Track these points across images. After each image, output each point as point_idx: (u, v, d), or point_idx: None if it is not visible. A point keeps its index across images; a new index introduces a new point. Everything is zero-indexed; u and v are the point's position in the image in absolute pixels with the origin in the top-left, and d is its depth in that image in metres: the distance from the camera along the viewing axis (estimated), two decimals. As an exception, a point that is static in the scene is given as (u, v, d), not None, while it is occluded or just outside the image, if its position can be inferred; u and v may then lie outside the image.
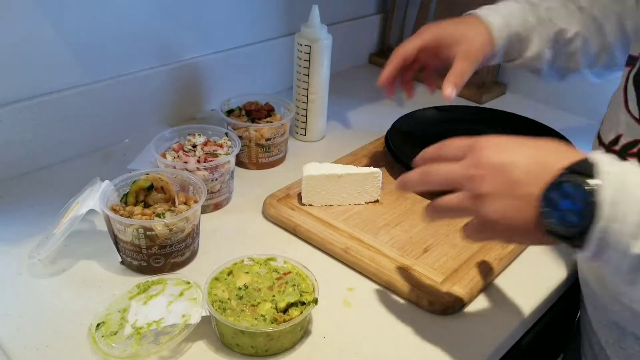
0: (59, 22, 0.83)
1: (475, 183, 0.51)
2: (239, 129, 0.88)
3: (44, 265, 0.70)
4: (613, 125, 0.65)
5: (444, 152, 0.56)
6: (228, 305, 0.60)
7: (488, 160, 0.51)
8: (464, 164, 0.52)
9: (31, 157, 0.86)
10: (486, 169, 0.50)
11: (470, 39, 0.79)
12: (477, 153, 0.52)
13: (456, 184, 0.53)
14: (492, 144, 0.52)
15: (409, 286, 0.68)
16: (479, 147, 0.52)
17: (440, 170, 0.54)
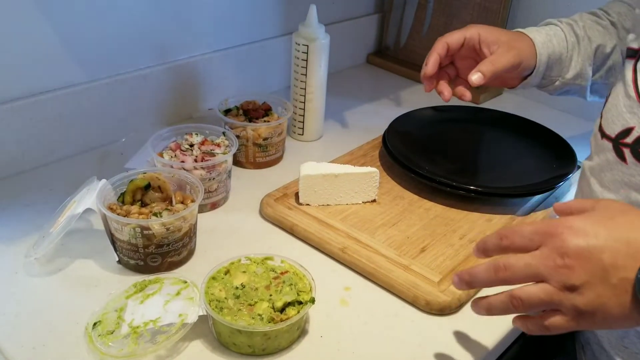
0: (55, 21, 0.83)
1: (563, 275, 0.47)
2: (236, 128, 0.88)
3: (41, 264, 0.70)
4: (618, 118, 0.65)
5: (513, 241, 0.52)
6: (225, 305, 0.60)
7: (572, 247, 0.47)
8: (545, 254, 0.49)
9: (27, 156, 0.86)
10: (572, 258, 0.47)
11: (516, 43, 0.78)
12: (556, 240, 0.48)
13: (538, 278, 0.49)
14: (568, 228, 0.48)
15: (406, 286, 0.68)
16: (556, 233, 0.49)
17: (518, 264, 0.50)
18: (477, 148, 1.00)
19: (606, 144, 0.66)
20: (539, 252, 0.49)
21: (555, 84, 0.83)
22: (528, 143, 0.98)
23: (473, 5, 1.18)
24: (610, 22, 0.83)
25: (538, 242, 0.50)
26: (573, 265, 0.47)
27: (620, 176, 0.64)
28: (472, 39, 0.79)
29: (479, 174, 0.91)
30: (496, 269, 0.51)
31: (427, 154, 0.92)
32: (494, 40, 0.78)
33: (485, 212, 0.82)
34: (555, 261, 0.48)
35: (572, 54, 0.81)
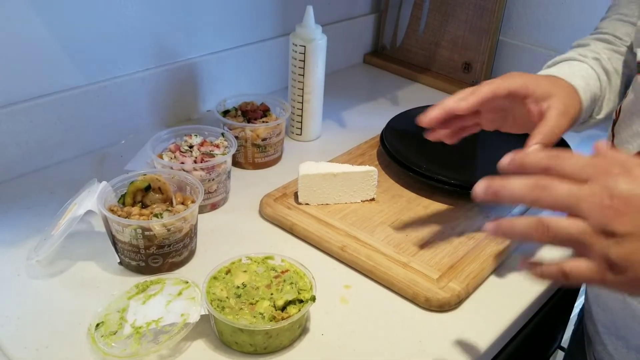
0: (54, 24, 0.83)
1: (606, 216, 0.42)
2: (235, 129, 0.89)
3: (42, 267, 0.70)
4: (633, 139, 0.62)
5: (561, 164, 0.46)
6: (226, 304, 0.61)
7: (625, 190, 0.42)
8: (593, 189, 0.43)
9: (28, 158, 0.86)
10: (622, 202, 0.42)
11: (564, 96, 0.68)
12: (609, 179, 0.43)
13: (577, 211, 0.44)
14: (627, 171, 0.43)
15: (405, 283, 0.69)
16: (612, 173, 0.43)
17: (561, 188, 0.44)
18: (475, 146, 1.00)
19: None
20: (587, 186, 0.43)
21: (587, 124, 0.77)
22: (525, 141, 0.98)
23: (469, 4, 1.18)
24: (628, 48, 0.77)
25: (589, 175, 0.44)
26: (620, 210, 0.42)
27: None
28: (517, 92, 0.68)
29: (476, 171, 0.91)
30: (535, 185, 0.45)
31: (424, 152, 0.92)
32: (542, 96, 0.68)
33: (484, 209, 0.83)
34: (603, 200, 0.42)
35: (605, 93, 0.75)
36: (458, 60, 1.24)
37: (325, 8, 1.21)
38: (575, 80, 0.72)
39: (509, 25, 1.23)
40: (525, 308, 0.69)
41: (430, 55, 1.28)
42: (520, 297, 0.71)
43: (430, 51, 1.28)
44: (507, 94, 0.68)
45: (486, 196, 0.48)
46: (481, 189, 0.49)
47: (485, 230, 0.49)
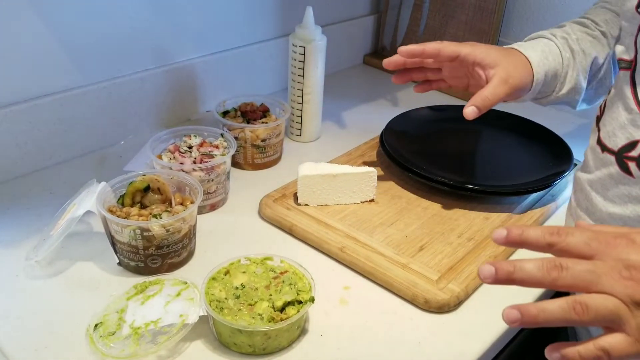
0: (54, 25, 0.83)
1: (630, 288, 0.42)
2: (234, 129, 0.89)
3: (41, 267, 0.70)
4: (621, 131, 0.64)
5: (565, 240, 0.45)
6: (225, 305, 0.60)
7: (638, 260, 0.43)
8: (608, 264, 0.43)
9: (27, 159, 0.86)
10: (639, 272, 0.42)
11: (513, 66, 0.75)
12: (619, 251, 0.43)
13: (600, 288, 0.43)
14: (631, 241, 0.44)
15: (404, 284, 0.69)
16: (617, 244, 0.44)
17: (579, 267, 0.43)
18: (474, 147, 1.00)
19: (608, 158, 0.65)
20: (600, 261, 0.43)
21: (549, 98, 0.82)
22: (524, 141, 0.98)
23: (468, 6, 1.18)
24: (601, 32, 0.81)
25: (596, 250, 0.44)
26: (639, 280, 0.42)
27: (626, 190, 0.63)
28: (466, 58, 0.76)
29: (476, 172, 0.91)
30: (551, 266, 0.44)
31: (424, 153, 0.92)
32: (490, 64, 0.75)
33: (483, 211, 0.83)
34: (621, 272, 0.43)
35: (567, 70, 0.79)
36: (458, 61, 1.24)
37: (325, 9, 1.21)
38: (530, 53, 0.77)
39: (509, 27, 1.23)
40: (525, 309, 0.69)
41: (430, 56, 1.28)
42: (520, 299, 0.70)
43: (430, 52, 1.28)
44: (454, 57, 0.77)
45: (497, 279, 0.46)
46: (489, 272, 0.46)
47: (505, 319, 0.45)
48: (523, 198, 0.86)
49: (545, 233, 0.46)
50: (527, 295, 0.71)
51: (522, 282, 0.45)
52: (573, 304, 0.43)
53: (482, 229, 0.79)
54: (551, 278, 0.44)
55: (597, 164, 0.68)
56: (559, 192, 0.89)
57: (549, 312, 0.44)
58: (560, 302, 0.44)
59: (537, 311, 0.44)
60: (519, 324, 0.44)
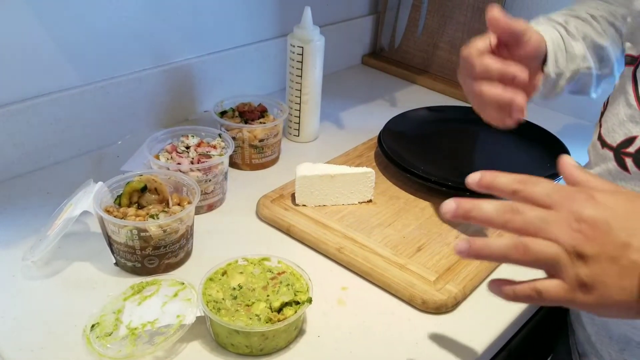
0: (51, 25, 0.83)
1: (576, 239, 0.44)
2: (232, 130, 0.89)
3: (38, 267, 0.70)
4: (620, 127, 0.64)
5: (529, 189, 0.47)
6: (222, 305, 0.60)
7: (590, 214, 0.44)
8: (562, 215, 0.45)
9: (24, 159, 0.86)
10: (589, 226, 0.44)
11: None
12: (575, 204, 0.45)
13: (548, 235, 0.45)
14: (590, 197, 0.46)
15: (402, 285, 0.68)
16: (577, 199, 0.46)
17: (532, 213, 0.46)
18: (472, 147, 1.00)
19: (607, 154, 0.65)
20: (554, 211, 0.45)
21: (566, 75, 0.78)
22: (521, 142, 0.98)
23: (467, 6, 1.18)
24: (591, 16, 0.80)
25: (555, 201, 0.46)
26: (588, 233, 0.44)
27: (623, 186, 0.63)
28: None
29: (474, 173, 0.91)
30: (506, 209, 0.46)
31: (422, 154, 0.92)
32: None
33: (481, 211, 0.83)
34: (571, 224, 0.44)
35: (569, 41, 0.77)
36: (456, 61, 1.23)
37: (323, 9, 1.21)
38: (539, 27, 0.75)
39: (507, 27, 1.22)
40: (523, 310, 0.69)
41: (428, 57, 1.28)
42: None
43: (429, 53, 1.28)
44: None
45: (456, 215, 0.49)
46: (450, 207, 0.49)
47: (457, 250, 0.48)
48: (521, 199, 0.86)
49: (513, 181, 0.48)
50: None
51: (478, 220, 0.48)
52: (516, 243, 0.45)
53: (480, 229, 0.79)
54: (504, 219, 0.46)
55: (596, 160, 0.68)
56: (557, 193, 0.89)
57: (491, 247, 0.47)
58: (505, 240, 0.46)
59: (482, 244, 0.47)
60: (465, 254, 0.48)
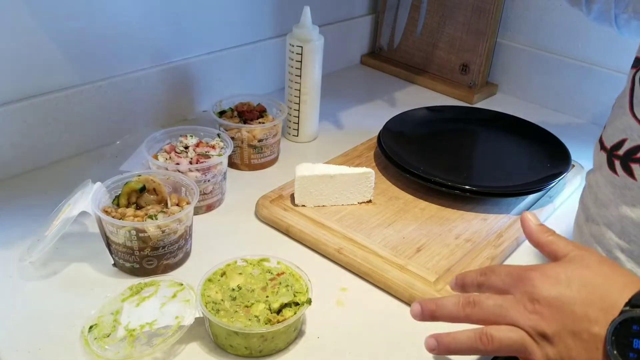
0: (49, 24, 0.82)
1: (533, 320, 0.46)
2: (231, 130, 0.88)
3: (35, 268, 0.69)
4: (616, 130, 0.64)
5: (488, 279, 0.50)
6: (221, 307, 0.60)
7: (543, 293, 0.46)
8: (516, 298, 0.47)
9: (22, 159, 0.85)
10: (543, 305, 0.46)
11: None
12: (527, 285, 0.47)
13: (507, 320, 0.47)
14: (541, 274, 0.47)
15: (402, 286, 0.68)
16: (528, 278, 0.47)
17: (488, 302, 0.48)
18: (472, 148, 1.00)
19: (602, 156, 0.65)
20: (510, 296, 0.48)
21: None
22: (522, 142, 0.98)
23: (466, 6, 1.18)
24: None
25: (510, 285, 0.48)
26: (543, 313, 0.46)
27: (612, 189, 0.63)
28: None
29: (473, 173, 0.91)
30: (465, 303, 0.49)
31: (421, 154, 0.92)
32: None
33: (481, 212, 0.83)
34: (526, 306, 0.46)
35: None
36: (455, 61, 1.24)
37: (322, 9, 1.21)
38: None
39: (507, 27, 1.22)
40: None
41: (427, 57, 1.28)
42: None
43: (428, 52, 1.28)
44: None
45: (424, 317, 0.52)
46: (417, 310, 0.52)
47: (426, 347, 0.51)
48: (521, 199, 0.86)
49: (477, 274, 0.52)
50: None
51: (443, 318, 0.51)
52: (480, 334, 0.48)
53: (480, 230, 0.79)
54: (465, 314, 0.49)
55: (595, 161, 0.69)
56: (557, 194, 0.89)
57: (459, 342, 0.49)
58: (469, 333, 0.49)
59: (449, 340, 0.50)
60: (436, 351, 0.50)
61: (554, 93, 1.19)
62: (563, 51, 1.16)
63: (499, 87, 1.27)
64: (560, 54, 1.17)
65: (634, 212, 0.60)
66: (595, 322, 0.44)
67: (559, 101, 1.19)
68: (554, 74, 1.18)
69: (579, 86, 1.15)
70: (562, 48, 1.16)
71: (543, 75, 1.19)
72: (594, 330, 0.44)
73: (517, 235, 0.78)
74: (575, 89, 1.16)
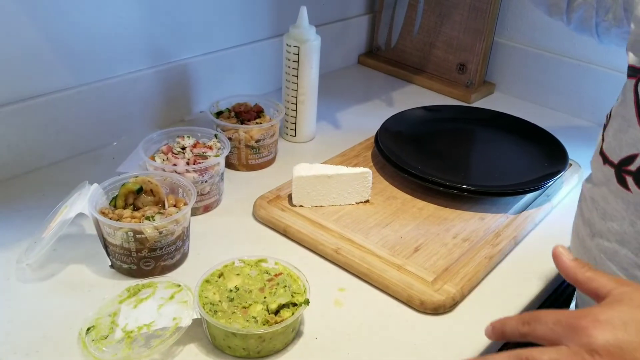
0: (45, 26, 0.82)
1: None
2: (228, 130, 0.88)
3: (33, 270, 0.69)
4: (623, 143, 0.61)
5: (534, 329, 0.47)
6: (219, 308, 0.60)
7: (600, 343, 0.43)
8: (573, 350, 0.43)
9: (19, 160, 0.85)
10: (603, 355, 0.42)
11: None
12: (582, 335, 0.43)
13: None
14: (594, 321, 0.44)
15: (400, 286, 0.68)
16: (581, 327, 0.44)
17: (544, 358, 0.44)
18: (469, 147, 1.00)
19: (608, 170, 0.63)
20: (565, 348, 0.44)
21: None
22: (519, 141, 0.98)
23: (463, 5, 1.18)
24: None
25: (561, 335, 0.45)
26: None
27: (624, 205, 0.61)
28: None
29: (471, 173, 0.91)
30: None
31: (419, 153, 0.92)
32: None
33: (478, 211, 0.83)
34: (585, 358, 0.43)
35: None
36: (453, 61, 1.24)
37: (319, 9, 1.21)
38: None
39: (504, 26, 1.23)
40: (521, 310, 0.69)
41: (424, 56, 1.28)
42: (515, 300, 0.70)
43: (425, 52, 1.28)
44: None
45: None
46: None
47: None
48: (518, 198, 0.86)
49: (518, 323, 0.48)
50: (523, 295, 0.71)
51: None
52: None
53: (478, 229, 0.79)
54: None
55: (598, 175, 0.66)
56: (554, 193, 0.89)
57: None
58: None
59: None
60: None
61: (551, 92, 1.19)
62: (560, 50, 1.16)
63: (496, 87, 1.27)
64: (557, 53, 1.17)
65: None
66: None
67: (556, 100, 1.19)
68: (551, 72, 1.18)
69: (576, 85, 1.15)
70: (559, 47, 1.16)
71: (540, 74, 1.20)
72: None
73: (515, 234, 0.78)
74: (572, 88, 1.16)
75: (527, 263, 0.76)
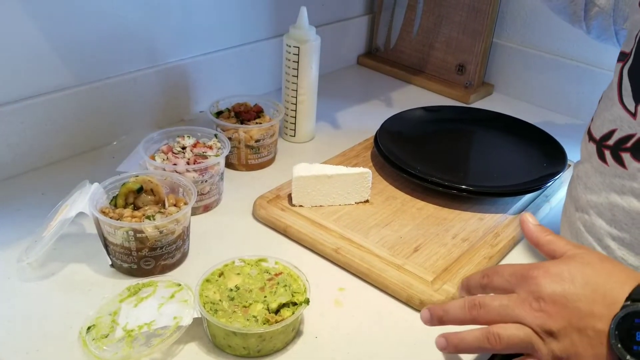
0: (46, 25, 0.82)
1: (539, 318, 0.47)
2: (228, 130, 0.88)
3: (33, 269, 0.69)
4: (604, 120, 0.65)
5: (492, 280, 0.52)
6: (219, 307, 0.60)
7: (547, 291, 0.47)
8: (521, 297, 0.49)
9: (19, 160, 0.85)
10: (548, 303, 0.47)
11: None
12: (531, 283, 0.48)
13: (514, 319, 0.48)
14: (544, 272, 0.48)
15: (399, 285, 0.68)
16: (532, 276, 0.49)
17: (493, 303, 0.50)
18: (468, 147, 1.00)
19: (591, 147, 0.67)
20: (515, 295, 0.49)
21: None
22: (518, 142, 0.98)
23: (462, 6, 1.18)
24: None
25: (514, 284, 0.50)
26: (549, 310, 0.47)
27: (602, 178, 0.64)
28: None
29: (470, 173, 0.91)
30: (471, 306, 0.51)
31: (418, 154, 0.92)
32: None
33: (477, 211, 0.83)
34: (531, 304, 0.48)
35: None
36: (452, 61, 1.24)
37: (319, 9, 1.21)
38: None
39: (503, 27, 1.23)
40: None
41: (423, 57, 1.28)
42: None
43: (424, 53, 1.28)
44: None
45: (433, 322, 0.54)
46: (426, 316, 0.54)
47: (437, 346, 0.53)
48: (517, 199, 0.86)
49: (479, 277, 0.53)
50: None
51: (451, 322, 0.53)
52: (487, 333, 0.49)
53: (477, 229, 0.79)
54: (472, 316, 0.51)
55: (583, 152, 0.70)
56: (553, 193, 0.89)
57: (467, 342, 0.51)
58: (477, 332, 0.50)
59: (458, 340, 0.51)
60: (446, 350, 0.53)
61: (550, 93, 1.19)
62: (559, 51, 1.17)
63: (495, 87, 1.27)
64: (556, 54, 1.17)
65: (624, 200, 0.61)
66: (599, 318, 0.45)
67: (555, 101, 1.19)
68: (550, 73, 1.18)
69: (574, 86, 1.16)
70: (558, 48, 1.17)
71: (539, 75, 1.20)
72: (599, 326, 0.45)
73: (514, 235, 0.79)
74: (571, 89, 1.16)
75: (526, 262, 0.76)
